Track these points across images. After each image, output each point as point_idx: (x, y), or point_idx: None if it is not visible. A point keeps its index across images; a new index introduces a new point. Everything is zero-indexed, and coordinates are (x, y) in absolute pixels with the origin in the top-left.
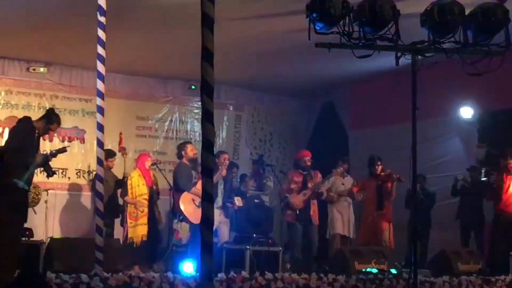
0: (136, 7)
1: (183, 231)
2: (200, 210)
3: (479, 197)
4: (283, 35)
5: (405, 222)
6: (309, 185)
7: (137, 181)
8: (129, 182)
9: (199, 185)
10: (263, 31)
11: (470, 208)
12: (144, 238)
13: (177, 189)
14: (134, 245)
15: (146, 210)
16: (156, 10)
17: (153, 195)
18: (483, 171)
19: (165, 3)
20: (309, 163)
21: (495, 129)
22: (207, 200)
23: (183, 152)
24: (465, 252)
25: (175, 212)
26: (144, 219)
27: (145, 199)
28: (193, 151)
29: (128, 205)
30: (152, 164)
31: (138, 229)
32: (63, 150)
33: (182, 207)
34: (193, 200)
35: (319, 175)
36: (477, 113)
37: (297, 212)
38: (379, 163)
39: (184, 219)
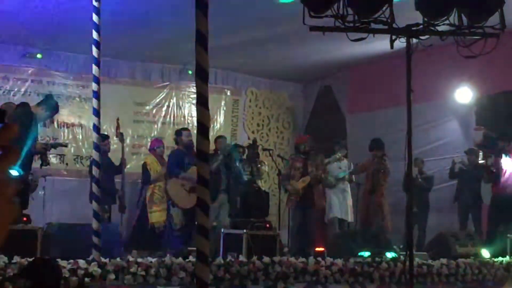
0: None
1: (176, 216)
2: (191, 195)
3: (477, 180)
4: (279, 18)
5: (403, 206)
6: (310, 169)
7: (155, 166)
8: (147, 168)
9: (192, 170)
10: (260, 14)
11: (468, 191)
12: (165, 223)
13: (168, 175)
14: (156, 230)
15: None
16: None
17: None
18: (480, 153)
19: None
20: (308, 148)
21: (492, 112)
22: (202, 184)
23: (178, 138)
24: (463, 235)
25: (167, 198)
26: (165, 204)
27: (164, 183)
28: (188, 137)
29: (149, 189)
30: (149, 149)
31: (161, 214)
32: (64, 144)
33: (170, 193)
34: (183, 185)
35: (320, 158)
36: (474, 95)
37: (297, 198)
38: (381, 148)
39: (174, 204)
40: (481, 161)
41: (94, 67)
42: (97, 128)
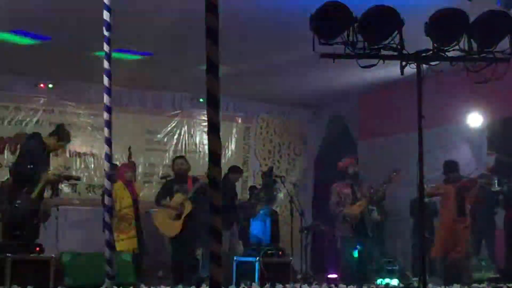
0: (142, 21)
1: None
2: (175, 222)
3: (490, 205)
4: (289, 46)
5: (410, 231)
6: (359, 196)
7: (121, 194)
8: (113, 195)
9: (175, 198)
10: (271, 42)
11: (481, 216)
12: (136, 251)
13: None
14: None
15: (133, 222)
16: (162, 24)
17: (139, 207)
18: (495, 180)
19: (170, 17)
20: (356, 169)
21: (504, 136)
22: (214, 212)
23: (173, 166)
24: (477, 260)
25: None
26: (134, 232)
27: (131, 211)
28: (178, 165)
29: (114, 217)
30: (162, 177)
31: (129, 242)
32: (77, 178)
33: (156, 222)
34: (169, 213)
35: (367, 185)
36: (486, 120)
37: (353, 225)
38: (456, 170)
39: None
40: (495, 188)
41: (106, 96)
42: (109, 157)
